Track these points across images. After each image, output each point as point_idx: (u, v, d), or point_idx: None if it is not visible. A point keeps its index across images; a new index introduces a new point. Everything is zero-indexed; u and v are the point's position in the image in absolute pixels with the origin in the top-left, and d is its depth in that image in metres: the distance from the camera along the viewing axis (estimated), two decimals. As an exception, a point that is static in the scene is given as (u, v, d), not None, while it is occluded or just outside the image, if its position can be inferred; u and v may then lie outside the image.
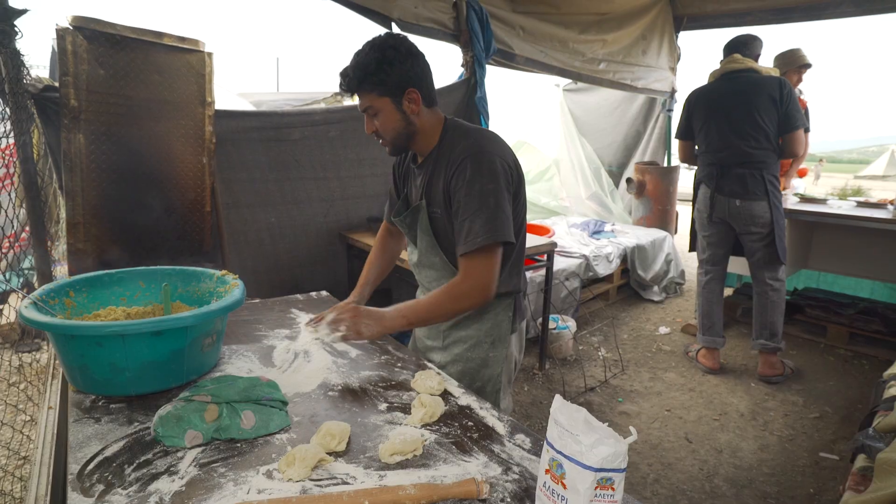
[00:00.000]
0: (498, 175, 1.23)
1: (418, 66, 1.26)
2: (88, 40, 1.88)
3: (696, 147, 3.02)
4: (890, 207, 3.16)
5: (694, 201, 3.11)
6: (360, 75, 1.23)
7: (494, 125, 3.47)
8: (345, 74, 1.25)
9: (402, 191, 1.48)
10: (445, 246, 1.35)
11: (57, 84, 1.89)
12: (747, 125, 2.73)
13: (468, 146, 1.26)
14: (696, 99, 2.96)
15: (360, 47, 1.25)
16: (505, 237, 1.22)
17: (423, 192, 1.35)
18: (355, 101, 1.33)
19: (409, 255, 1.51)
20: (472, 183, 1.22)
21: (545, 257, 2.91)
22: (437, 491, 0.78)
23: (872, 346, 3.35)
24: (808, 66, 3.34)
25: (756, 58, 2.83)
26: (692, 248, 3.28)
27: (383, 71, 1.21)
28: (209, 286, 1.32)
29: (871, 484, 1.08)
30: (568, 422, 0.70)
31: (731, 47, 2.87)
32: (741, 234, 2.90)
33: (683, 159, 3.19)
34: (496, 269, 1.24)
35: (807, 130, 2.74)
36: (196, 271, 1.35)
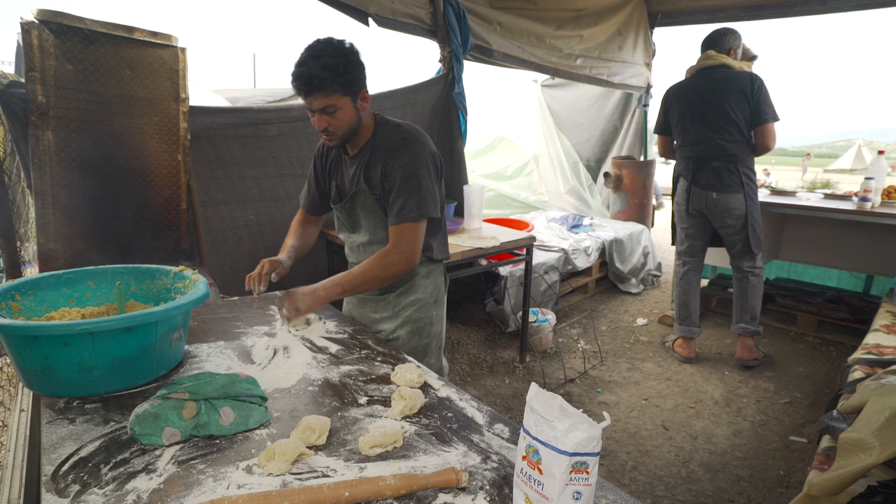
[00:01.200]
0: (428, 161, 1.45)
1: (365, 69, 1.42)
2: (55, 34, 1.84)
3: (674, 141, 3.08)
4: (855, 199, 3.27)
5: (673, 194, 3.17)
6: (330, 76, 1.31)
7: (473, 120, 3.49)
8: (311, 76, 1.31)
9: (328, 181, 1.63)
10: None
11: (23, 80, 1.84)
12: (720, 119, 2.80)
13: (403, 136, 1.45)
14: (672, 95, 3.02)
15: (319, 49, 1.32)
16: (431, 213, 1.44)
17: (361, 178, 1.50)
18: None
19: (348, 242, 1.65)
20: (407, 166, 1.41)
21: (525, 251, 2.94)
22: (417, 480, 0.80)
23: (839, 333, 3.47)
24: (755, 57, 3.42)
25: (729, 51, 2.89)
26: (674, 241, 3.32)
27: (348, 73, 1.34)
28: (165, 282, 1.31)
29: (834, 462, 1.13)
30: (544, 409, 0.72)
31: (706, 44, 2.94)
32: (718, 228, 2.97)
33: (663, 154, 3.25)
34: (421, 239, 1.45)
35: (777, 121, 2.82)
36: (150, 268, 1.33)
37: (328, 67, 1.30)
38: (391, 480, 0.79)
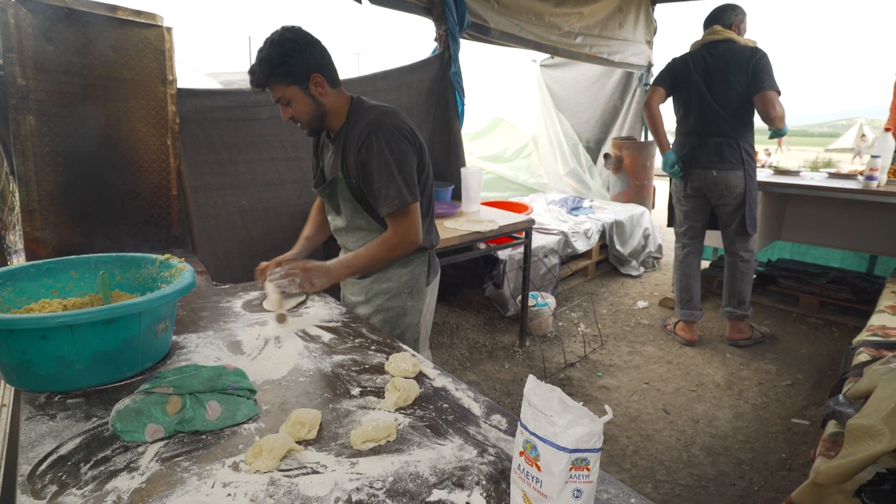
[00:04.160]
0: (400, 143, 1.42)
1: (317, 52, 1.41)
2: (33, 13, 1.76)
3: (675, 113, 3.02)
4: (860, 178, 3.21)
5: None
6: (266, 70, 1.36)
7: (470, 101, 3.41)
8: (252, 72, 1.38)
9: (320, 164, 1.64)
10: (367, 208, 1.51)
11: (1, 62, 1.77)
12: (722, 93, 2.76)
13: (369, 121, 1.42)
14: (678, 65, 2.92)
15: (261, 46, 1.37)
16: (414, 199, 1.43)
17: (338, 166, 1.50)
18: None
19: (331, 222, 1.65)
20: (380, 154, 1.40)
21: (524, 234, 2.89)
22: None
23: (842, 314, 3.44)
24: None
25: (732, 26, 2.84)
26: (670, 223, 3.30)
27: (286, 63, 1.35)
28: (151, 271, 1.27)
29: (841, 449, 1.09)
30: (542, 402, 0.68)
31: (710, 20, 2.90)
32: (716, 206, 2.94)
33: (649, 103, 2.95)
34: (418, 222, 1.46)
35: (778, 93, 2.74)
36: (135, 257, 1.29)
37: (263, 62, 1.35)
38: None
